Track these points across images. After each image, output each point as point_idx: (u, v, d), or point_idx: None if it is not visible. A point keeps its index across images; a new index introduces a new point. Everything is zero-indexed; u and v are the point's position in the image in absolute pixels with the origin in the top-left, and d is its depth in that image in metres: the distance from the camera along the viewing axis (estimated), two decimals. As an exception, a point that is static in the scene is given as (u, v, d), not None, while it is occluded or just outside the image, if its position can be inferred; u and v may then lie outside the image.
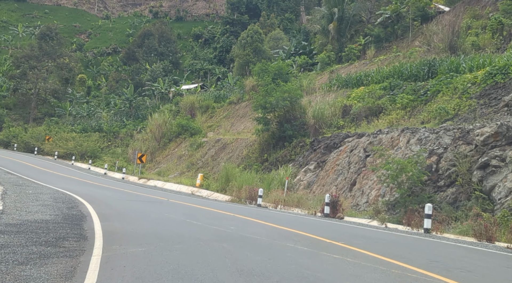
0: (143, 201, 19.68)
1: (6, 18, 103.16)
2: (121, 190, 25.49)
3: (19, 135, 64.21)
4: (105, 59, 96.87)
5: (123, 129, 61.32)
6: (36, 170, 36.23)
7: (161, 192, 29.18)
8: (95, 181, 32.46)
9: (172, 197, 24.96)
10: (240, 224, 13.92)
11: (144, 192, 26.04)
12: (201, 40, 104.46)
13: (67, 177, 33.00)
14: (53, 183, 24.96)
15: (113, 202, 17.67)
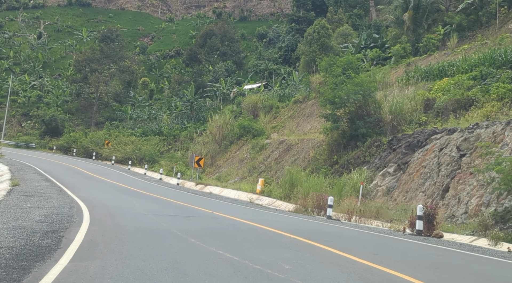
0: (177, 216, 15.46)
1: (71, 23, 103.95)
2: (162, 200, 22.20)
3: (79, 140, 63.01)
4: (168, 62, 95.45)
5: (183, 132, 58.76)
6: (83, 176, 33.91)
7: (214, 201, 25.78)
8: (142, 188, 29.53)
9: (225, 208, 21.44)
10: (302, 258, 9.29)
11: (190, 202, 22.63)
12: (265, 39, 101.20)
13: (112, 184, 30.25)
14: (85, 191, 22.16)
15: (133, 218, 14.02)
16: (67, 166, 43.97)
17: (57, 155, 59.92)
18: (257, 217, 17.58)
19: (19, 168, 34.82)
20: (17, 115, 76.89)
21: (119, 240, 9.65)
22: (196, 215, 16.40)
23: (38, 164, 40.99)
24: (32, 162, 42.85)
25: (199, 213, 17.26)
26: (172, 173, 44.04)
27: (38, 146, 67.73)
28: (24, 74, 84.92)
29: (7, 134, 73.16)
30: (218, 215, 17.02)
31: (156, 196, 23.47)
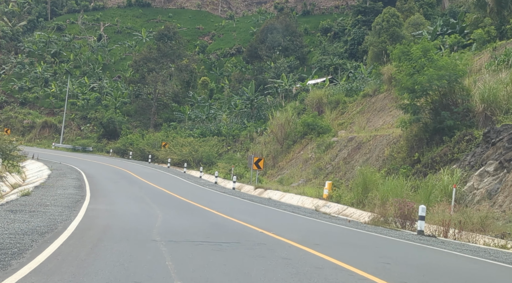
0: (203, 243, 10.47)
1: (131, 24, 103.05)
2: (202, 211, 18.49)
3: (135, 142, 60.81)
4: (228, 60, 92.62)
5: (243, 131, 55.34)
6: (128, 181, 31.16)
7: (271, 210, 21.99)
8: (188, 194, 26.20)
9: (283, 221, 17.62)
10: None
11: (239, 212, 18.95)
12: (330, 34, 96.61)
13: (155, 190, 27.04)
14: (111, 200, 19.05)
15: (127, 250, 9.27)
16: (119, 170, 41.45)
17: (113, 159, 57.92)
18: (329, 239, 13.46)
19: (62, 172, 32.43)
20: (76, 118, 75.94)
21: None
22: (235, 239, 11.68)
23: (87, 168, 38.60)
24: (82, 166, 40.57)
25: (242, 234, 12.65)
26: (230, 176, 40.56)
27: (95, 149, 66.19)
28: (84, 76, 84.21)
29: (66, 137, 72.23)
30: (270, 238, 12.26)
31: (197, 206, 19.85)
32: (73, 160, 48.36)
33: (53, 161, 43.71)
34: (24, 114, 76.78)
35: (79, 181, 26.73)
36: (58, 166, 39.06)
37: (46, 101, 79.55)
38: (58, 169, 35.20)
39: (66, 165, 41.13)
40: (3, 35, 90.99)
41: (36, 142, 71.77)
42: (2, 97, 79.84)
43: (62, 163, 42.92)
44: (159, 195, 23.24)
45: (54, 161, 44.34)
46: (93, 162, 48.22)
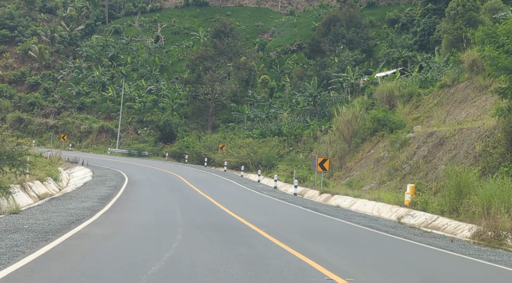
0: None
1: (189, 25, 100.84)
2: (240, 227, 14.39)
3: (191, 145, 57.76)
4: (289, 57, 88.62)
5: (306, 130, 51.21)
6: (173, 188, 27.89)
7: (340, 222, 17.81)
8: (237, 204, 22.58)
9: (366, 242, 13.32)
10: None
11: (297, 231, 14.77)
12: (397, 25, 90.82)
13: (197, 198, 23.33)
14: (133, 212, 15.28)
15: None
16: (169, 175, 38.39)
17: (167, 163, 55.09)
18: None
19: (102, 179, 29.76)
20: (133, 122, 73.97)
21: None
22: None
23: (134, 174, 35.82)
24: (130, 172, 37.83)
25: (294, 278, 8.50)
26: (291, 179, 36.50)
27: (150, 153, 63.74)
28: (141, 79, 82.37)
29: (123, 142, 70.28)
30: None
31: (240, 221, 15.79)
32: (125, 165, 45.72)
33: (102, 167, 41.18)
34: (81, 120, 75.56)
35: (113, 189, 23.58)
36: (104, 172, 36.39)
37: (103, 106, 78.14)
38: (101, 176, 32.39)
39: (114, 171, 38.40)
40: (61, 40, 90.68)
41: (93, 148, 70.20)
42: (60, 102, 79.06)
43: (111, 168, 40.25)
44: (200, 207, 19.40)
45: (104, 166, 41.84)
46: (145, 167, 45.40)
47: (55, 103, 78.93)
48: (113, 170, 38.66)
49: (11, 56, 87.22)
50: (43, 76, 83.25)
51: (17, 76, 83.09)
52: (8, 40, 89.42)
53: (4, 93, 78.56)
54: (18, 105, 78.45)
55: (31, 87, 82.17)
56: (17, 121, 75.92)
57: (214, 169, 51.05)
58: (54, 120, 75.86)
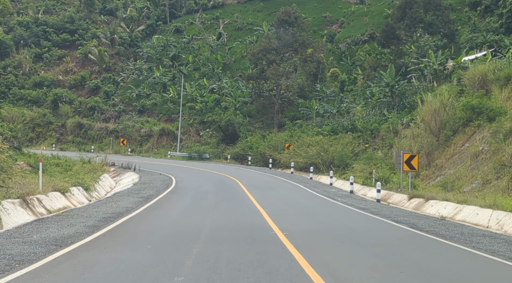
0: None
1: (252, 20, 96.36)
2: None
3: (254, 145, 52.89)
4: (360, 48, 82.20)
5: (383, 124, 45.26)
6: (226, 196, 22.75)
7: (467, 251, 11.96)
8: (305, 222, 17.02)
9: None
10: None
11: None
12: (480, 8, 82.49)
13: (248, 211, 18.27)
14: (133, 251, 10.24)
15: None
16: (227, 180, 33.67)
17: (228, 166, 50.55)
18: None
19: (143, 187, 26.11)
20: (195, 123, 70.07)
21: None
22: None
23: (186, 179, 31.82)
24: (183, 177, 33.77)
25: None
26: (370, 181, 30.81)
27: (212, 156, 59.36)
28: (203, 78, 78.53)
29: (185, 145, 66.43)
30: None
31: (302, 266, 10.46)
32: (180, 170, 41.48)
33: (154, 172, 37.14)
34: (142, 123, 72.43)
35: (141, 201, 19.49)
36: (153, 178, 32.31)
37: (164, 108, 74.80)
38: (145, 183, 28.28)
39: (165, 176, 34.21)
40: (122, 41, 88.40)
41: (153, 152, 66.79)
42: (120, 106, 76.38)
43: (163, 174, 36.08)
44: (242, 233, 13.88)
45: (157, 172, 37.80)
46: (202, 171, 40.96)
47: (115, 107, 76.34)
48: (164, 176, 34.43)
49: (71, 61, 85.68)
50: (103, 80, 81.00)
51: (77, 81, 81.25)
52: (68, 44, 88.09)
53: (64, 98, 76.71)
54: (79, 110, 76.41)
55: (91, 91, 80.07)
56: (77, 126, 73.80)
57: (279, 171, 45.96)
58: (114, 125, 73.17)
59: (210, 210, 17.69)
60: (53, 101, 77.06)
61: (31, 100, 78.15)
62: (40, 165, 19.98)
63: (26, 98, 78.24)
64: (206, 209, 17.90)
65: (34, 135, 75.34)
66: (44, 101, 78.34)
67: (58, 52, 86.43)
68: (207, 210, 17.66)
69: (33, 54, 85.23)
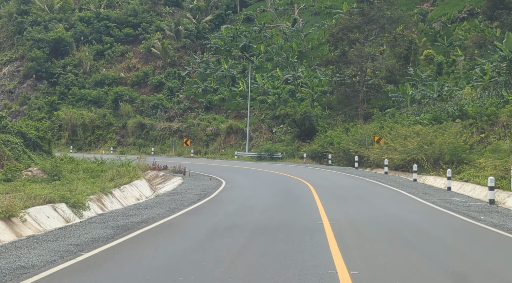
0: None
1: (330, 3, 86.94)
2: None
3: (336, 140, 43.81)
4: (458, 26, 70.97)
5: (503, 108, 35.08)
6: (295, 206, 13.83)
7: None
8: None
9: None
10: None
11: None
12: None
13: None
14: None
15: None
16: (295, 184, 25.09)
17: (303, 167, 41.94)
18: None
19: (175, 198, 17.60)
20: (266, 119, 61.84)
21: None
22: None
23: (241, 185, 24.34)
24: (240, 182, 25.95)
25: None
26: (508, 182, 21.06)
27: (285, 155, 50.78)
28: (275, 68, 70.19)
29: (256, 143, 58.26)
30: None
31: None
32: (242, 172, 33.49)
33: (208, 176, 29.41)
34: (208, 121, 65.01)
35: (128, 228, 10.65)
36: (199, 184, 24.61)
37: (232, 103, 67.06)
38: (179, 192, 20.88)
39: (217, 180, 26.56)
40: (188, 33, 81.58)
41: (220, 153, 59.13)
42: (185, 103, 69.39)
43: (218, 178, 28.14)
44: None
45: (213, 175, 30.14)
46: (268, 174, 32.73)
47: (180, 104, 69.38)
48: (215, 180, 26.64)
49: (134, 56, 79.82)
50: (167, 75, 74.35)
51: (140, 78, 75.11)
52: (131, 39, 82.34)
53: (124, 97, 70.67)
54: (141, 109, 70.13)
55: (155, 88, 73.64)
56: (138, 127, 67.45)
57: (368, 171, 36.71)
58: (177, 123, 66.19)
59: (225, 263, 9.09)
60: (114, 100, 71.22)
61: (91, 100, 72.74)
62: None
63: (86, 98, 72.93)
64: (218, 260, 9.32)
65: (94, 138, 69.77)
66: (104, 101, 72.73)
67: (121, 48, 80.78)
68: (219, 262, 9.10)
69: (94, 51, 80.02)
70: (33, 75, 77.31)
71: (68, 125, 69.85)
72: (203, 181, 26.48)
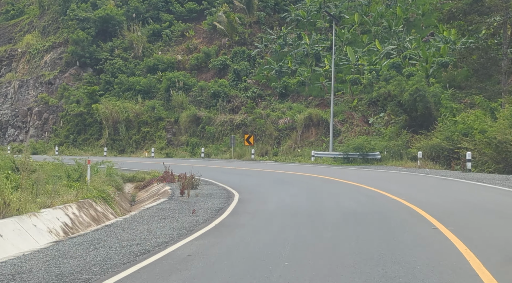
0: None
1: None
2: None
3: (477, 127, 26.62)
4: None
5: None
6: None
7: None
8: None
9: None
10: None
11: None
12: None
13: None
14: None
15: None
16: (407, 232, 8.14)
17: (419, 176, 25.10)
18: None
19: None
20: (360, 105, 45.28)
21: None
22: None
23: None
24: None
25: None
26: None
27: (386, 155, 34.00)
28: (373, 41, 53.42)
29: (344, 139, 41.91)
30: None
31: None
32: (307, 188, 17.69)
33: (226, 190, 13.80)
34: (282, 111, 49.40)
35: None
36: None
37: (315, 87, 51.10)
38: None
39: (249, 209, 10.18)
40: (262, 6, 66.29)
41: (294, 154, 43.33)
42: (254, 89, 54.16)
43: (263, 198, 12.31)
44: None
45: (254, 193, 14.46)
46: (350, 189, 16.55)
47: (247, 91, 54.30)
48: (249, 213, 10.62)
49: (195, 36, 65.72)
50: (234, 56, 59.48)
51: (200, 60, 60.85)
52: (195, 16, 68.34)
53: (178, 84, 56.60)
54: (198, 99, 55.81)
55: (217, 72, 59.07)
56: (193, 121, 53.16)
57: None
58: (242, 115, 51.06)
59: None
60: (167, 89, 57.42)
61: (140, 90, 59.35)
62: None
63: (135, 87, 59.60)
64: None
65: (139, 137, 56.22)
66: (156, 91, 59.13)
67: (181, 27, 66.95)
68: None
69: (150, 31, 66.70)
70: (77, 62, 65.26)
71: (109, 121, 56.79)
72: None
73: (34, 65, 69.27)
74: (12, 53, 72.05)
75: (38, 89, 66.15)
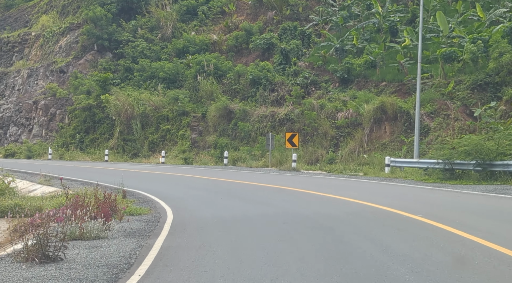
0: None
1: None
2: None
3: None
4: None
5: None
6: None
7: None
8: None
9: None
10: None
11: None
12: None
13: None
14: None
15: None
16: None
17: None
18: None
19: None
20: (459, 90, 30.86)
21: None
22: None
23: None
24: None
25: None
26: None
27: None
28: (472, 8, 38.88)
29: (437, 141, 27.51)
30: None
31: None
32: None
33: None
34: (342, 102, 35.45)
35: None
36: None
37: (389, 68, 36.95)
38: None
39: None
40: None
41: (359, 161, 29.57)
42: (306, 74, 40.43)
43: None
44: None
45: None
46: None
47: (297, 76, 40.65)
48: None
49: (237, 11, 52.79)
50: (283, 33, 45.92)
51: (241, 40, 47.85)
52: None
53: (207, 69, 43.71)
54: (234, 87, 42.80)
55: (261, 54, 45.88)
56: (223, 116, 40.05)
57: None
58: (287, 108, 37.50)
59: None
60: (196, 76, 44.58)
61: (165, 78, 46.83)
62: None
63: (158, 74, 47.13)
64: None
65: (158, 136, 43.72)
66: (183, 79, 46.42)
67: (222, 1, 54.14)
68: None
69: (184, 7, 54.17)
70: (94, 46, 53.54)
71: (120, 115, 44.65)
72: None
73: (48, 51, 58.22)
74: (25, 38, 61.36)
75: (49, 79, 54.96)
